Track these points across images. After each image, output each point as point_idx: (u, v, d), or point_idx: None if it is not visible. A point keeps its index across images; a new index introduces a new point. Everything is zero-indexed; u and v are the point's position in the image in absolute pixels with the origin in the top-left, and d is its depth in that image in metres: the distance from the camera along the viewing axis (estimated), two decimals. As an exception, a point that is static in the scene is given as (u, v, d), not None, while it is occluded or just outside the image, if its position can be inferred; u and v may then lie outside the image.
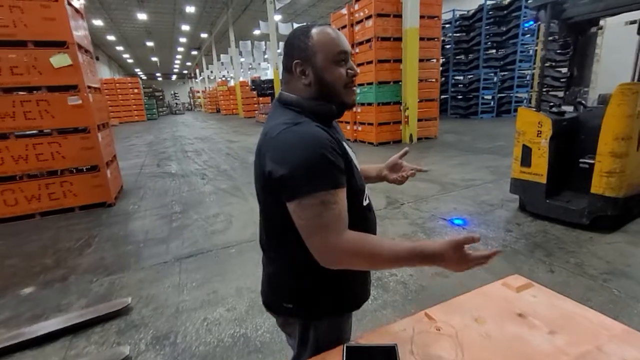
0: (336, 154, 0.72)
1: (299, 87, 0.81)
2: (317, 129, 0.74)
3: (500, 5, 11.93)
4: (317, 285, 0.84)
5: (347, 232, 0.71)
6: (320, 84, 0.79)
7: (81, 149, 4.07)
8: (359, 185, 0.83)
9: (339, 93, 0.80)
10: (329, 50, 0.78)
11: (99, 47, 28.04)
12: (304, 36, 0.78)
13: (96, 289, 2.41)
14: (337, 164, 0.71)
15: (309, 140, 0.71)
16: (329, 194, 0.69)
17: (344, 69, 0.80)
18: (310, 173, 0.68)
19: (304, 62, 0.78)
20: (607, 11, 2.95)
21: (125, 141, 11.47)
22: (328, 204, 0.68)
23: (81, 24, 4.31)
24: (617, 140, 2.62)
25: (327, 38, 0.78)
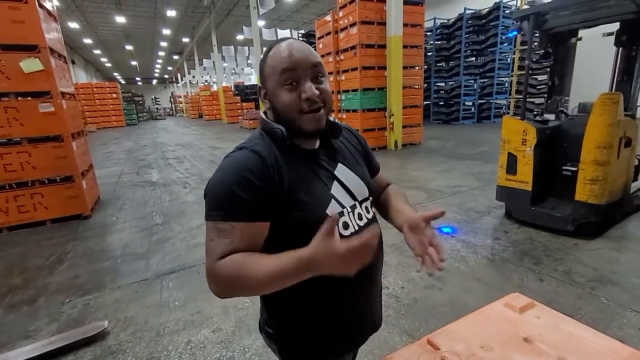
0: (250, 187, 0.66)
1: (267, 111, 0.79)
2: (246, 157, 0.70)
3: (479, 14, 12.31)
4: (292, 316, 0.80)
5: (226, 257, 0.65)
6: (274, 110, 0.75)
7: (54, 158, 3.84)
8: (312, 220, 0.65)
9: (292, 120, 0.72)
10: (275, 73, 0.71)
11: (75, 51, 27.14)
12: (263, 58, 0.75)
13: (69, 311, 2.24)
14: (244, 197, 0.66)
15: (228, 169, 0.70)
16: (227, 224, 0.67)
17: (295, 93, 0.70)
18: (213, 200, 0.69)
19: (262, 86, 0.76)
20: (585, 23, 3.04)
21: (103, 148, 11.05)
22: (222, 232, 0.67)
23: (54, 26, 4.10)
24: (600, 149, 2.68)
25: (274, 58, 0.71)
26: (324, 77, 0.74)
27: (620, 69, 3.07)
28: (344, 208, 0.76)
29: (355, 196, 0.80)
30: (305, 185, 0.73)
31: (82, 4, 17.01)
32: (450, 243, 2.97)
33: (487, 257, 2.69)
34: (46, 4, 3.89)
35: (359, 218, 0.79)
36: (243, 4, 17.42)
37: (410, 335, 1.85)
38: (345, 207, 0.76)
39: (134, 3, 17.47)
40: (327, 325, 0.80)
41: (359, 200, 0.81)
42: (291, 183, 0.71)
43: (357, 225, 0.78)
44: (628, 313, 1.94)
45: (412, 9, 7.65)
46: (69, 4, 16.60)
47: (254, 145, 0.72)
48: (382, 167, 0.99)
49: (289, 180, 0.70)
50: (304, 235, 0.64)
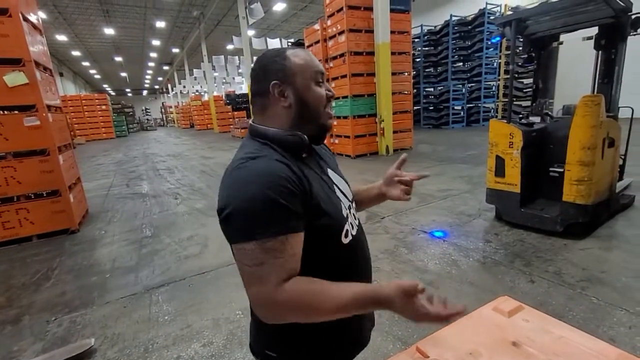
0: (291, 194, 0.63)
1: (276, 111, 0.74)
2: (272, 165, 0.66)
3: (465, 21, 12.58)
4: (301, 335, 0.75)
5: (289, 281, 0.62)
6: (302, 104, 0.74)
7: (40, 172, 3.77)
8: (335, 223, 0.73)
9: (320, 114, 0.76)
10: (309, 70, 0.74)
11: (63, 63, 26.94)
12: (279, 58, 0.74)
13: (54, 329, 2.17)
14: (289, 206, 0.62)
15: (257, 178, 0.63)
16: (274, 241, 0.61)
17: (323, 90, 0.77)
18: (251, 216, 0.62)
19: (283, 83, 0.73)
20: (565, 27, 3.13)
21: (92, 160, 10.90)
22: (271, 251, 0.61)
23: (39, 39, 4.07)
24: (584, 150, 2.72)
25: (305, 59, 0.75)
26: None
27: (601, 72, 3.15)
28: (347, 210, 0.79)
29: (348, 198, 0.84)
30: (324, 193, 0.74)
31: (70, 17, 16.95)
32: (442, 247, 2.98)
33: (478, 260, 2.70)
34: (31, 17, 3.86)
35: (354, 218, 0.83)
36: (232, 14, 17.56)
37: (404, 342, 1.84)
38: (347, 210, 0.79)
39: (122, 15, 17.48)
40: (336, 335, 0.79)
41: (350, 201, 0.85)
42: (314, 189, 0.70)
43: (356, 225, 0.82)
44: (618, 312, 1.96)
45: (398, 16, 7.79)
46: (57, 16, 16.54)
47: (271, 154, 0.69)
48: (374, 173, 1.13)
49: (312, 187, 0.70)
50: (330, 239, 0.72)
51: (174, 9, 17.72)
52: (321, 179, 0.77)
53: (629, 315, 1.92)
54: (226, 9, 17.83)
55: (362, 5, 7.45)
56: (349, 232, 0.77)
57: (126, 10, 16.83)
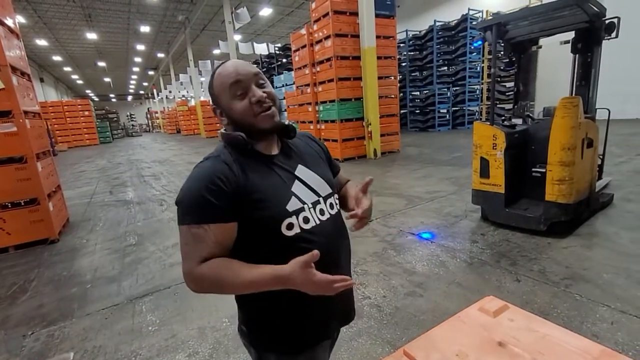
0: (219, 192, 0.74)
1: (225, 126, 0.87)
2: (215, 166, 0.78)
3: (448, 26, 12.85)
4: (262, 313, 0.86)
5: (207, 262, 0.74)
6: (234, 121, 0.84)
7: (17, 181, 3.63)
8: (274, 215, 0.80)
9: (251, 123, 0.82)
10: (225, 89, 0.81)
11: (44, 68, 26.28)
12: (210, 83, 0.85)
13: (31, 344, 2.08)
14: (214, 201, 0.74)
15: (197, 177, 0.78)
16: (199, 228, 0.74)
17: (246, 100, 0.81)
18: (186, 206, 0.76)
19: (217, 106, 0.86)
20: (543, 32, 3.22)
21: (74, 167, 10.61)
22: (196, 236, 0.74)
23: (16, 44, 3.94)
24: (565, 150, 2.79)
25: (221, 77, 0.82)
26: (265, 82, 0.85)
27: (578, 74, 3.25)
28: (305, 204, 0.84)
29: (318, 192, 0.88)
30: (266, 185, 0.81)
31: (51, 21, 16.58)
32: (429, 248, 3.00)
33: (465, 261, 2.73)
34: (7, 20, 3.74)
35: (320, 213, 0.87)
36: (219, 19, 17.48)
37: (393, 345, 1.83)
38: (306, 203, 0.84)
39: (105, 19, 17.19)
40: (296, 318, 0.85)
41: (323, 197, 0.89)
42: (254, 185, 0.79)
43: (318, 219, 0.85)
44: (600, 308, 2.00)
45: (383, 21, 7.89)
46: (37, 20, 16.14)
47: (220, 155, 0.81)
48: (362, 176, 1.10)
49: (252, 183, 0.79)
50: (268, 230, 0.79)
51: (159, 14, 17.53)
52: (276, 175, 0.84)
53: (610, 311, 1.96)
54: (212, 14, 17.75)
55: (348, 10, 7.52)
56: (295, 225, 0.81)
57: (109, 14, 16.56)
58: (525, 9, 3.20)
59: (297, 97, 9.41)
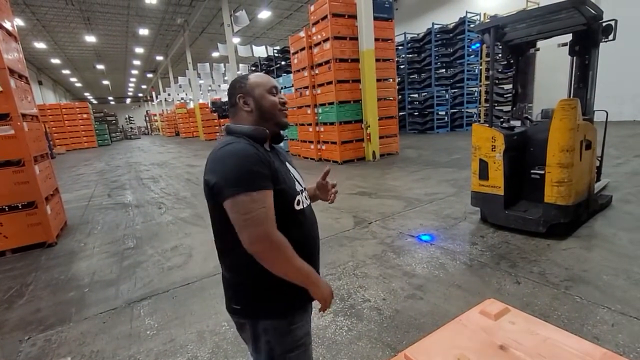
0: (261, 164, 0.89)
1: (242, 115, 1.02)
2: (245, 145, 0.91)
3: (447, 29, 12.91)
4: (257, 283, 0.96)
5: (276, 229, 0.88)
6: (260, 109, 1.01)
7: (14, 184, 3.61)
8: (289, 191, 0.98)
9: (274, 114, 1.03)
10: (264, 85, 1.03)
11: (42, 71, 26.26)
12: (243, 79, 1.04)
13: (27, 349, 2.06)
14: (261, 171, 0.88)
15: (236, 153, 0.89)
16: (258, 194, 0.85)
17: (276, 98, 1.03)
18: (239, 176, 0.86)
19: (245, 95, 1.02)
20: (541, 34, 3.23)
21: (72, 170, 10.58)
22: (257, 201, 0.85)
23: (14, 46, 3.94)
24: (563, 152, 2.80)
25: (262, 78, 1.04)
26: None
27: (576, 77, 3.26)
28: (300, 188, 1.05)
29: (301, 184, 1.08)
30: (281, 169, 0.99)
31: (50, 24, 16.58)
32: (429, 251, 2.99)
33: (465, 263, 2.72)
34: (5, 23, 3.74)
35: (306, 198, 1.07)
36: (217, 22, 17.53)
37: (393, 348, 1.82)
38: (300, 188, 1.05)
39: (104, 22, 17.21)
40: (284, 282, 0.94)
41: (304, 188, 1.10)
42: (276, 167, 0.95)
43: (307, 203, 1.07)
44: (601, 310, 1.99)
45: (382, 24, 7.92)
46: (35, 23, 16.15)
47: (241, 141, 0.93)
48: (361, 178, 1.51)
49: (274, 164, 0.95)
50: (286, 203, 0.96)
51: (158, 17, 17.56)
52: (281, 163, 1.02)
53: (611, 313, 1.96)
54: (211, 17, 17.79)
55: (346, 13, 7.55)
56: (301, 202, 1.01)
57: (108, 17, 16.58)
58: (523, 11, 3.22)
59: (296, 99, 9.43)
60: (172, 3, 15.90)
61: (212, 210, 0.96)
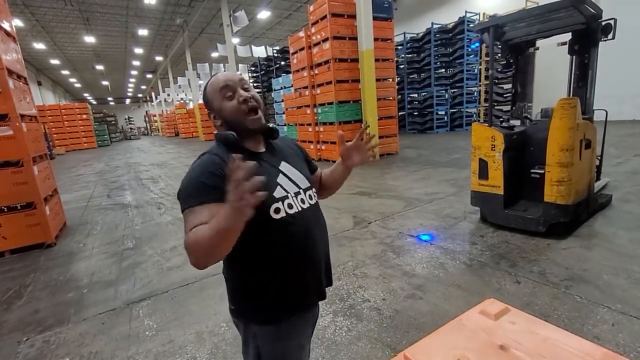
0: (215, 177, 0.84)
1: (218, 128, 1.01)
2: (209, 158, 0.90)
3: (446, 28, 12.91)
4: (246, 285, 0.96)
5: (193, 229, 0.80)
6: (226, 121, 0.97)
7: (13, 184, 3.61)
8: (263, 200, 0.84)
9: (241, 122, 0.95)
10: (216, 92, 0.96)
11: (41, 72, 26.23)
12: (205, 89, 1.00)
13: (26, 351, 2.05)
14: (211, 184, 0.83)
15: (196, 169, 0.89)
16: (199, 207, 0.82)
17: (234, 101, 0.95)
18: (188, 192, 0.86)
19: (210, 111, 0.99)
20: (540, 34, 3.23)
21: (72, 171, 10.57)
22: (195, 213, 0.82)
23: (13, 47, 3.93)
24: (563, 151, 2.79)
25: (212, 84, 0.97)
26: (249, 87, 0.99)
27: (576, 76, 3.26)
28: (288, 193, 0.97)
29: (299, 185, 1.01)
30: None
31: (49, 25, 16.57)
32: (429, 250, 2.98)
33: (465, 263, 2.71)
34: (4, 24, 3.73)
35: (301, 202, 0.99)
36: (217, 22, 17.52)
37: (393, 349, 1.81)
38: (289, 192, 0.97)
39: (103, 22, 17.19)
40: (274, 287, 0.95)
41: (302, 189, 1.02)
42: None
43: (300, 207, 0.98)
44: (601, 310, 1.99)
45: (381, 24, 7.92)
46: (34, 24, 16.13)
47: (212, 150, 0.94)
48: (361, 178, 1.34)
49: None
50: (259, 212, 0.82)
51: (157, 17, 17.55)
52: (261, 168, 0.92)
53: (611, 313, 1.95)
54: (210, 17, 17.78)
55: (346, 13, 7.55)
56: (281, 210, 0.93)
57: (107, 18, 16.57)
58: (522, 10, 3.21)
59: (296, 99, 9.42)
60: (171, 3, 15.89)
61: None
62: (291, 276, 0.97)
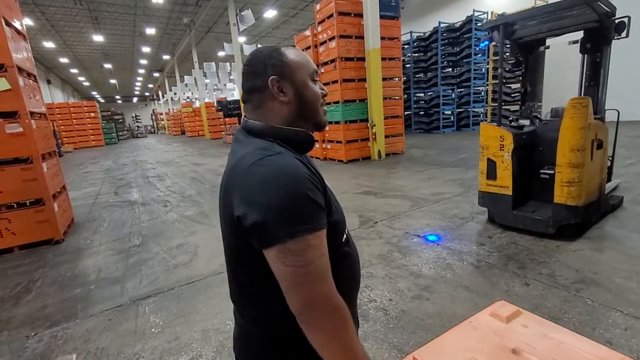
0: (317, 190, 0.63)
1: (273, 107, 0.72)
2: (295, 162, 0.65)
3: (453, 27, 12.79)
4: (289, 344, 0.72)
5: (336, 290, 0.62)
6: (301, 101, 0.74)
7: (22, 181, 3.65)
8: (341, 220, 0.75)
9: (317, 111, 0.77)
10: (306, 68, 0.75)
11: (51, 70, 26.56)
12: (277, 54, 0.73)
13: (34, 346, 2.07)
14: (319, 202, 0.62)
15: (287, 175, 0.61)
16: (316, 238, 0.60)
17: (318, 88, 0.78)
18: (293, 211, 0.59)
19: (282, 79, 0.72)
20: (552, 32, 3.17)
21: (80, 168, 10.68)
22: (317, 247, 0.60)
23: (23, 45, 3.97)
24: (574, 152, 2.74)
25: (302, 57, 0.76)
26: None
27: (587, 75, 3.19)
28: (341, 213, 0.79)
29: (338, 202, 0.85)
30: (330, 190, 0.74)
31: (58, 24, 16.74)
32: (436, 251, 2.95)
33: (472, 264, 2.68)
34: (14, 22, 3.77)
35: None
36: (223, 21, 17.56)
37: (400, 350, 1.79)
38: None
39: (111, 21, 17.33)
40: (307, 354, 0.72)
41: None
42: (328, 188, 0.71)
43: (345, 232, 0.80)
44: (613, 313, 1.94)
45: (388, 22, 7.87)
46: (44, 23, 16.32)
47: (283, 151, 0.67)
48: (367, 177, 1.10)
49: (327, 186, 0.71)
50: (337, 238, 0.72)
51: (164, 16, 17.64)
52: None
53: (623, 317, 1.91)
54: (217, 16, 17.83)
55: (352, 12, 7.51)
56: (345, 235, 0.77)
57: (115, 17, 16.70)
58: (534, 8, 3.16)
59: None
60: (179, 2, 15.96)
61: (243, 248, 0.65)
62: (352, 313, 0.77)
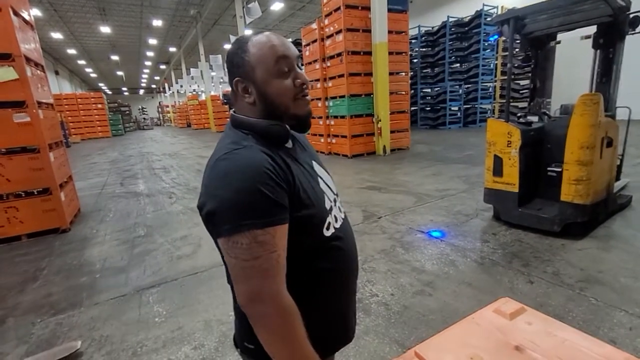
0: (277, 186, 0.62)
1: (245, 106, 0.73)
2: (259, 156, 0.64)
3: (462, 22, 12.59)
4: None
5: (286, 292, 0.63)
6: (265, 100, 0.71)
7: (30, 170, 3.69)
8: (318, 215, 0.72)
9: (287, 107, 0.72)
10: (267, 62, 0.69)
11: (58, 61, 26.71)
12: (240, 50, 0.70)
13: (39, 332, 2.10)
14: (276, 199, 0.61)
15: (244, 170, 0.62)
16: (265, 233, 0.60)
17: (289, 80, 0.71)
18: (240, 208, 0.59)
19: (245, 79, 0.71)
20: (562, 27, 3.10)
21: (87, 159, 10.78)
22: (266, 243, 0.60)
23: (31, 35, 3.98)
24: (583, 149, 2.69)
25: (264, 48, 0.69)
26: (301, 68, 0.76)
27: (599, 71, 3.12)
28: (331, 202, 0.77)
29: (333, 191, 0.82)
30: (307, 183, 0.72)
31: (66, 15, 16.78)
32: (439, 247, 2.94)
33: (476, 261, 2.66)
34: (22, 12, 3.78)
35: (339, 211, 0.81)
36: (230, 14, 17.48)
37: (401, 344, 1.79)
38: (332, 202, 0.78)
39: (119, 13, 17.34)
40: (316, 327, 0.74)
41: (336, 194, 0.83)
42: (298, 181, 0.68)
43: (341, 218, 0.81)
44: (618, 313, 1.92)
45: (396, 16, 7.76)
46: (52, 14, 16.37)
47: (252, 144, 0.67)
48: (371, 172, 1.06)
49: (297, 179, 0.68)
50: (313, 231, 0.70)
51: (171, 8, 17.60)
52: (305, 170, 0.75)
53: (628, 317, 1.89)
54: (223, 8, 17.74)
55: (360, 5, 7.42)
56: (331, 225, 0.75)
57: (122, 8, 16.70)
58: (545, 2, 3.08)
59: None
60: (185, -6, 15.91)
61: (215, 242, 0.66)
62: (337, 310, 0.80)
